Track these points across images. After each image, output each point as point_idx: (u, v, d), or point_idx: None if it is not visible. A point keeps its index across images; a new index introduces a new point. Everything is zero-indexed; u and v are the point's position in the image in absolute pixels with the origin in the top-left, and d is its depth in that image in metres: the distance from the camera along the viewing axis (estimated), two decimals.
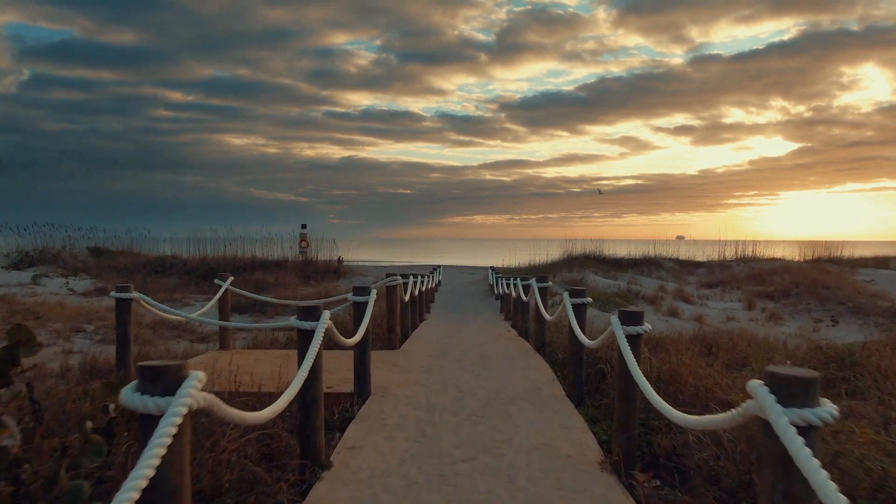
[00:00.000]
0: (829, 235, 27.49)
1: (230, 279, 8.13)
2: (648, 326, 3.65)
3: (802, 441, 1.64)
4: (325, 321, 3.68)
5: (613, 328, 3.63)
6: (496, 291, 16.53)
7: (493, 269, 22.82)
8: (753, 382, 1.85)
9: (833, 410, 1.79)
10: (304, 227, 25.86)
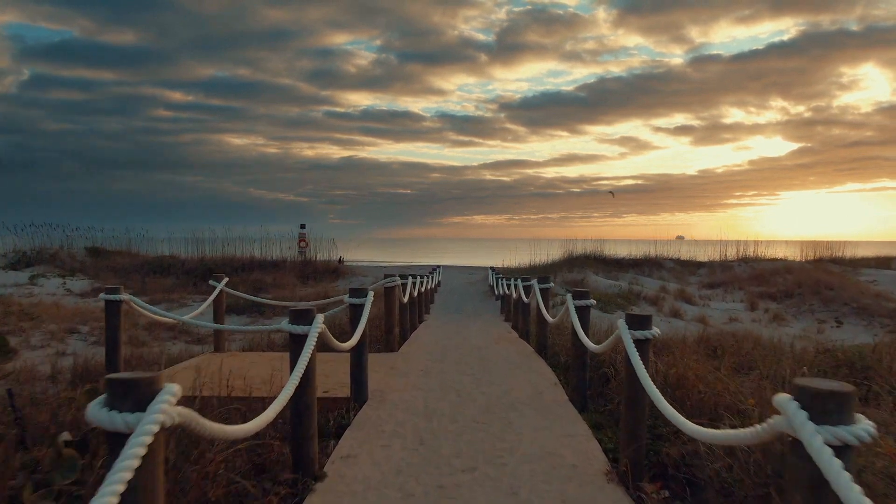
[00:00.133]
0: (829, 235, 27.32)
1: (225, 280, 7.96)
2: (657, 331, 3.48)
3: (841, 465, 1.48)
4: (319, 325, 3.51)
5: (620, 333, 3.46)
6: (496, 292, 16.36)
7: (493, 270, 22.65)
8: (782, 397, 1.69)
9: (870, 427, 1.63)
10: (303, 227, 25.73)
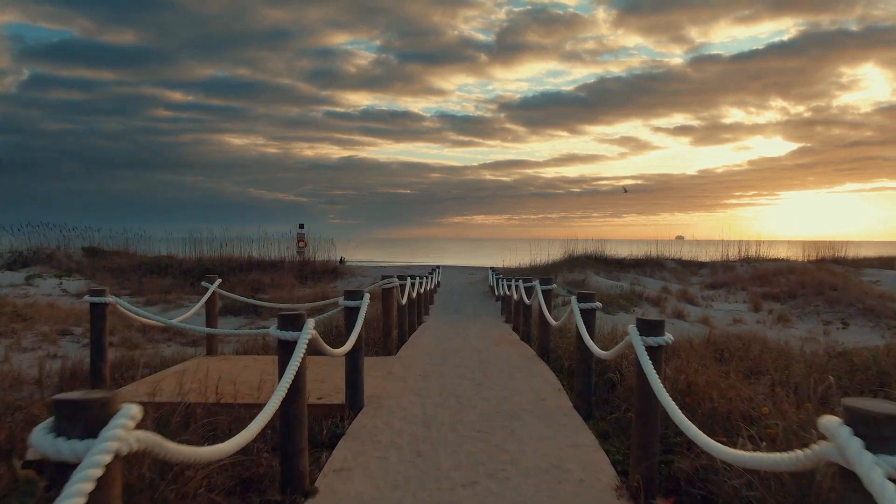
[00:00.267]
0: (829, 235, 27.07)
1: (218, 281, 7.73)
2: (670, 337, 3.27)
3: None
4: (309, 331, 3.29)
5: (631, 339, 3.25)
6: (496, 293, 16.13)
7: (494, 270, 22.42)
8: (831, 421, 1.47)
9: None
10: (302, 227, 25.52)
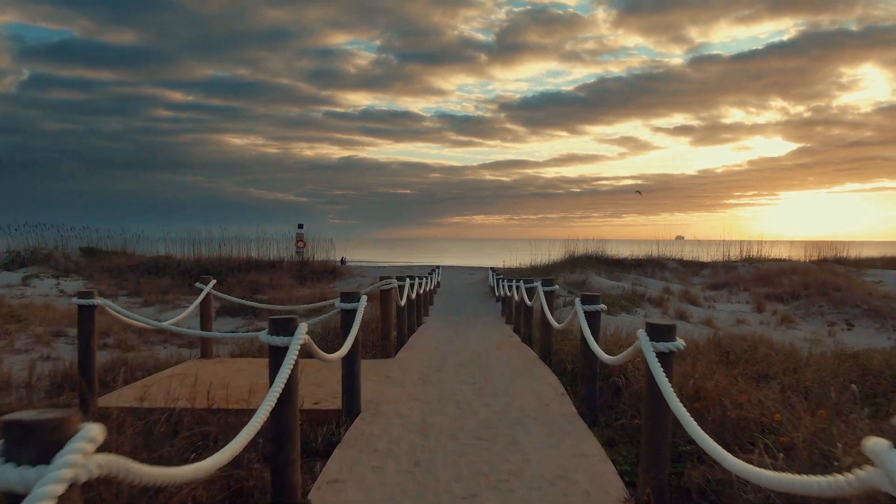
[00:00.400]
0: (829, 235, 26.80)
1: (212, 283, 7.57)
2: (682, 343, 3.10)
3: None
4: (301, 336, 3.12)
5: (641, 345, 3.08)
6: (497, 293, 15.96)
7: (494, 270, 22.22)
8: (880, 445, 1.30)
9: None
10: (301, 227, 25.35)
